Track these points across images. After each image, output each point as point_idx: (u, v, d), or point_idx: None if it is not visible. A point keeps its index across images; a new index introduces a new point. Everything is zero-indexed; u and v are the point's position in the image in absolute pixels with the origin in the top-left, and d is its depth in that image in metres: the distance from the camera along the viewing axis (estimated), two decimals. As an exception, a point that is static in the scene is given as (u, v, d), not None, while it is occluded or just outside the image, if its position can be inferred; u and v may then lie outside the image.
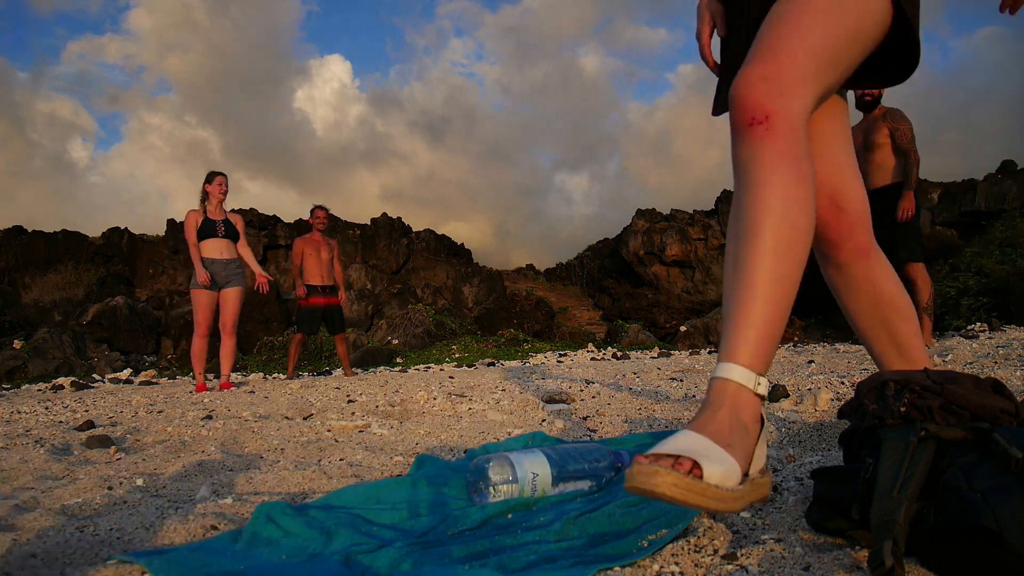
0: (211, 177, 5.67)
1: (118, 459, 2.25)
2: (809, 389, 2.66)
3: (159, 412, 3.67)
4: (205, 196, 5.64)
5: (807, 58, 1.13)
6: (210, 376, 8.05)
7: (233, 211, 5.77)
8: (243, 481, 1.82)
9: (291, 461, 2.08)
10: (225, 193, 5.69)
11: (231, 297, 5.53)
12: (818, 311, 15.78)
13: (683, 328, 15.87)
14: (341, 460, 2.01)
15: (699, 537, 1.11)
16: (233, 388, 5.24)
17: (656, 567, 1.03)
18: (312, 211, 6.93)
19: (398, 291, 16.53)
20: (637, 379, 3.86)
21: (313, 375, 8.46)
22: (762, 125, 1.10)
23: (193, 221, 5.50)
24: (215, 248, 5.51)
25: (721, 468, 0.94)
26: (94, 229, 20.32)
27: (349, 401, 3.66)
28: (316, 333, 6.60)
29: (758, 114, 1.11)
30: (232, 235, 5.62)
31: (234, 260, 5.60)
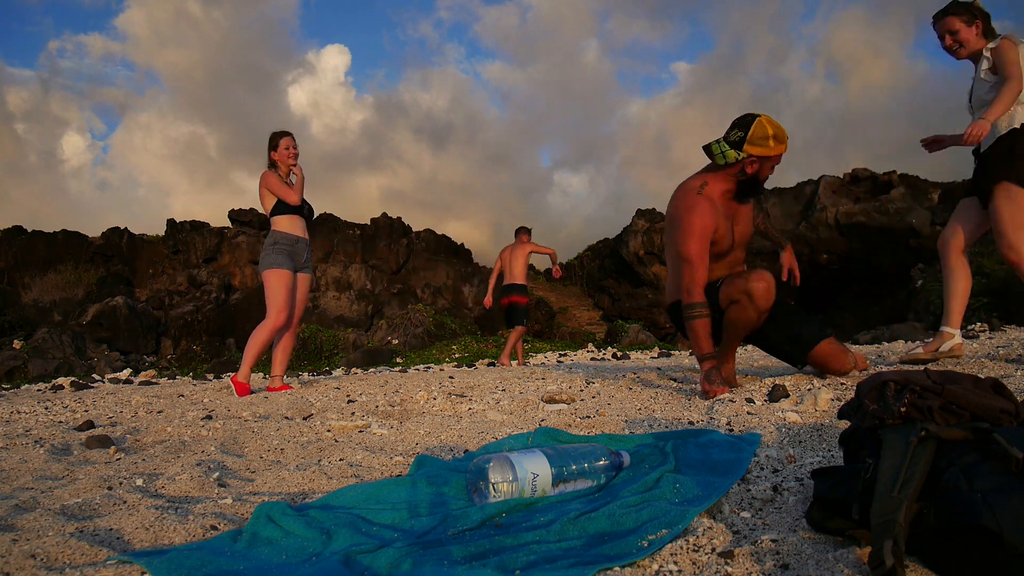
0: (275, 140, 4.39)
1: (118, 459, 2.25)
2: (809, 389, 2.66)
3: (159, 412, 3.67)
4: (273, 165, 4.38)
5: None
6: (209, 376, 8.05)
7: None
8: (243, 481, 1.82)
9: (291, 461, 2.08)
10: (296, 156, 4.39)
11: (305, 284, 4.52)
12: (818, 311, 15.79)
13: (683, 328, 15.85)
14: (341, 460, 2.00)
15: (698, 537, 1.11)
16: (289, 390, 4.37)
17: (655, 566, 1.03)
18: (519, 230, 8.35)
19: (398, 291, 16.54)
20: (637, 379, 3.85)
21: (313, 375, 8.46)
22: None
23: (277, 177, 4.33)
24: (299, 225, 4.40)
25: None
26: (94, 229, 20.35)
27: (349, 401, 3.66)
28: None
29: None
30: (311, 213, 4.58)
31: (309, 242, 4.54)
